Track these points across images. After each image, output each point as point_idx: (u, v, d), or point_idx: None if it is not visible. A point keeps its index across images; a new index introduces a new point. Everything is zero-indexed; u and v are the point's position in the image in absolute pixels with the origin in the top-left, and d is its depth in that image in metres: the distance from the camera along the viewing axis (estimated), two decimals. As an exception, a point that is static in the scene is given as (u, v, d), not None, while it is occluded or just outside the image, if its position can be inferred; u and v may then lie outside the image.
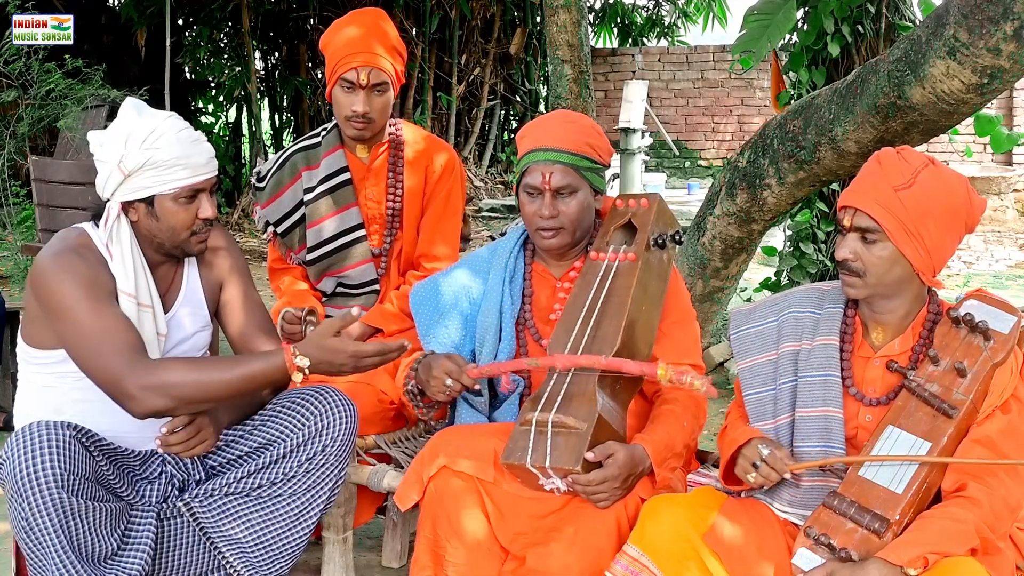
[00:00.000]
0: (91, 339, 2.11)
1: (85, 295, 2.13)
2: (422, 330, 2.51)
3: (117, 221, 2.24)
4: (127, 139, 2.19)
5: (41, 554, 2.02)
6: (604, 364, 2.13)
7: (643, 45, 14.09)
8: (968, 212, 2.02)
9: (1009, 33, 2.76)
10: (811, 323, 2.14)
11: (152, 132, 2.19)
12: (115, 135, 2.22)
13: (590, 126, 2.43)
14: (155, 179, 2.20)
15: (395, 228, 2.99)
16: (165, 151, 2.18)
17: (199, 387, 2.10)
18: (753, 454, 2.05)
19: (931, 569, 1.80)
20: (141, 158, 2.18)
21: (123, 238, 2.24)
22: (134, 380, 2.07)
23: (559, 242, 2.39)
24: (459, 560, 2.18)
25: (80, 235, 2.25)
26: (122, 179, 2.20)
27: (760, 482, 2.04)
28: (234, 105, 12.23)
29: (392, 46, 2.89)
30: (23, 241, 7.21)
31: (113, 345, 2.10)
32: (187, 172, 2.22)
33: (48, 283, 2.15)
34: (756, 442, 2.06)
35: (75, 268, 2.15)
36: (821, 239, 4.66)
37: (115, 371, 2.09)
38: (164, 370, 2.10)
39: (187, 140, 2.23)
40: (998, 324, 1.99)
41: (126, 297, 2.21)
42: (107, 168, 2.22)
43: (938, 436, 1.93)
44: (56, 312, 2.14)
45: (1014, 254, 8.44)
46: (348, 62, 2.82)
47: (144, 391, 2.07)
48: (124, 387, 2.08)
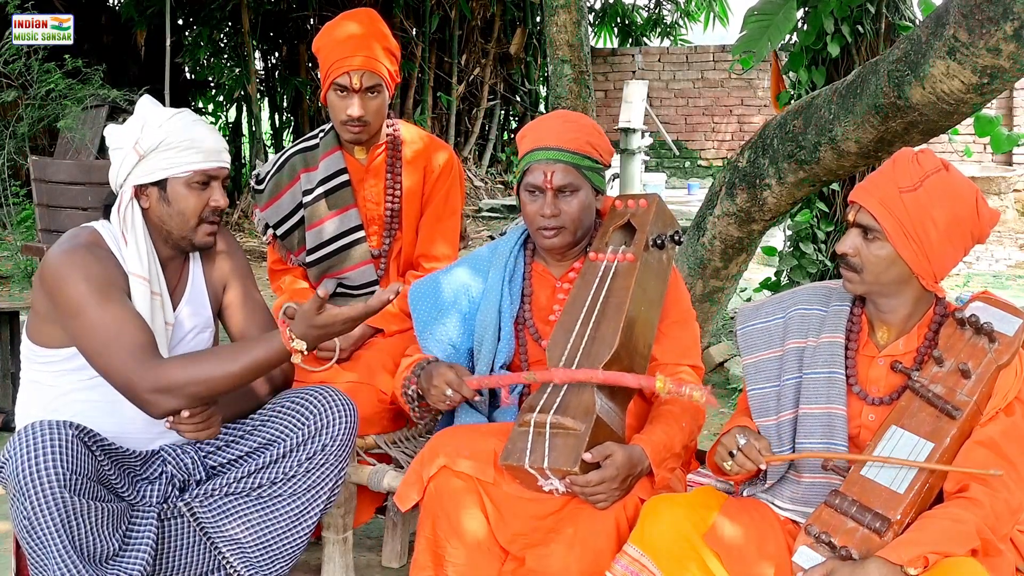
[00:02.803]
0: (102, 339, 2.12)
1: (97, 293, 2.14)
2: (419, 327, 2.51)
3: (130, 206, 2.27)
4: (144, 123, 2.25)
5: (42, 554, 2.01)
6: (602, 379, 2.13)
7: (643, 45, 14.09)
8: (975, 222, 2.00)
9: (1009, 33, 2.76)
10: (817, 320, 2.14)
11: (169, 117, 2.25)
12: (133, 122, 2.28)
13: (591, 125, 2.43)
14: (169, 161, 2.24)
15: (394, 229, 2.99)
16: (180, 133, 2.24)
17: (207, 382, 2.12)
18: (731, 442, 2.06)
19: (931, 569, 1.80)
20: (157, 137, 2.22)
21: (136, 223, 2.27)
22: (144, 385, 2.09)
23: (561, 241, 2.39)
24: (459, 560, 2.18)
25: (91, 233, 2.26)
26: (137, 160, 2.24)
27: (736, 471, 2.05)
28: (234, 105, 12.25)
29: (385, 47, 2.86)
30: (23, 241, 7.21)
31: (123, 346, 2.11)
32: (200, 156, 2.25)
33: (60, 280, 2.15)
34: (735, 431, 2.07)
35: (87, 265, 2.16)
36: (821, 239, 4.66)
37: (126, 375, 2.11)
38: (171, 370, 2.11)
39: (200, 127, 2.28)
40: (1003, 326, 1.98)
41: (140, 281, 2.23)
42: (122, 153, 2.26)
43: (941, 437, 1.93)
44: (68, 310, 2.15)
45: (1014, 254, 8.44)
46: (340, 66, 2.80)
47: (155, 395, 2.09)
48: (136, 392, 2.11)
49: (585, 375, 2.14)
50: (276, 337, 2.14)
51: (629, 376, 2.14)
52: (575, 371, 2.15)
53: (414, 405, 2.38)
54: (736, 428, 2.08)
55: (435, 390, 2.29)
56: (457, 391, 2.26)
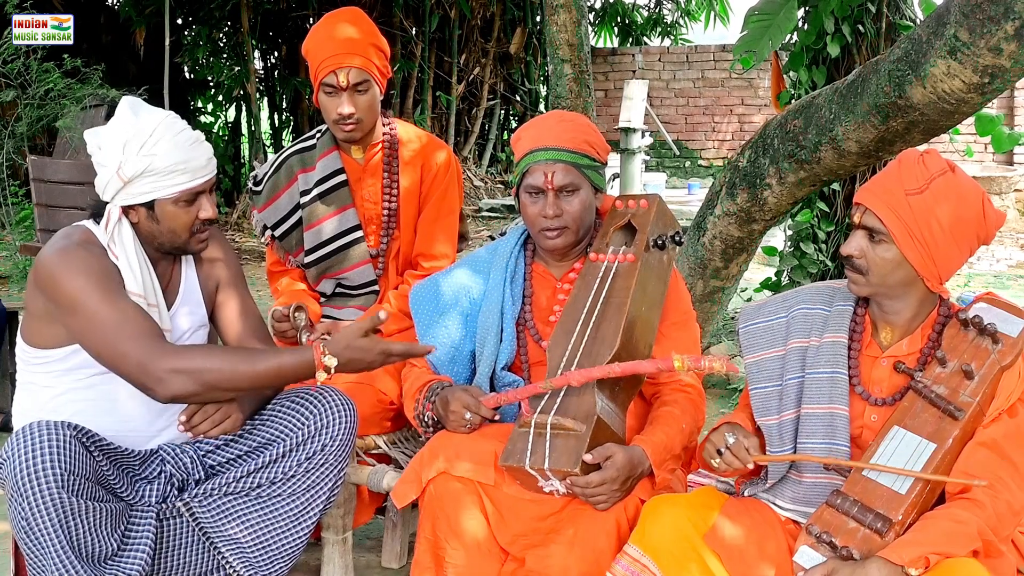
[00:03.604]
0: (110, 327, 2.11)
1: (97, 286, 2.13)
2: (421, 330, 2.50)
3: (119, 224, 2.24)
4: (125, 145, 2.18)
5: (41, 554, 2.01)
6: (620, 371, 2.12)
7: (644, 44, 14.08)
8: (980, 224, 1.99)
9: (1010, 32, 2.76)
10: (820, 320, 2.13)
11: (150, 137, 2.17)
12: (112, 138, 2.20)
13: (587, 124, 2.43)
14: (154, 184, 2.20)
15: (392, 228, 2.98)
16: (163, 157, 2.17)
17: (227, 375, 2.12)
18: (719, 440, 2.05)
19: (932, 569, 1.80)
20: (140, 165, 2.17)
21: (126, 240, 2.24)
22: (162, 363, 2.09)
23: (564, 242, 2.38)
24: (459, 561, 2.18)
25: (83, 232, 2.25)
26: (121, 185, 2.20)
27: (724, 468, 2.04)
28: (233, 105, 12.23)
29: (370, 42, 2.84)
30: (22, 241, 7.20)
31: (134, 331, 2.11)
32: (186, 176, 2.21)
33: (57, 279, 2.14)
34: (724, 428, 2.07)
35: (84, 261, 2.16)
36: (822, 239, 4.66)
37: (140, 355, 2.10)
38: (193, 355, 2.12)
39: (185, 144, 2.21)
40: (1007, 327, 1.98)
41: (135, 298, 2.21)
42: (106, 173, 2.21)
43: (944, 438, 1.93)
44: (68, 307, 2.14)
45: (1015, 254, 8.44)
46: (327, 66, 2.79)
47: (172, 374, 2.09)
48: (151, 370, 2.09)
49: (601, 371, 2.13)
50: (308, 350, 2.14)
51: (646, 363, 2.14)
52: (591, 370, 2.14)
53: (429, 430, 2.36)
54: (725, 426, 2.08)
55: (453, 416, 2.25)
56: (476, 412, 2.25)
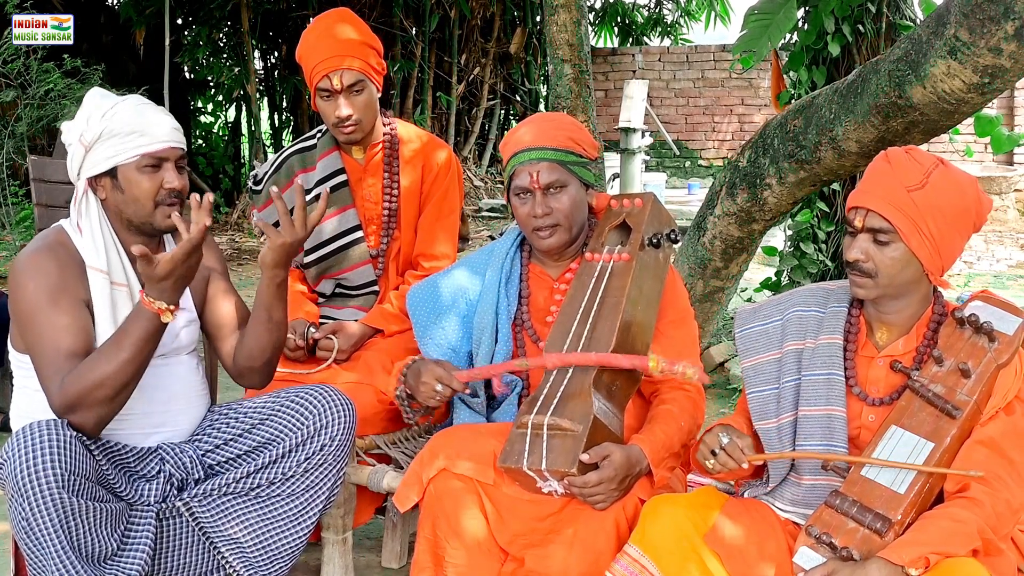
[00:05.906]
0: (39, 350, 2.13)
1: (46, 299, 2.13)
2: (419, 331, 2.50)
3: (85, 198, 2.25)
4: (88, 116, 2.23)
5: (41, 554, 2.01)
6: (595, 360, 2.13)
7: (644, 44, 14.08)
8: (977, 211, 2.02)
9: (1010, 32, 2.75)
10: (815, 322, 2.13)
11: (112, 107, 2.23)
12: (79, 115, 2.26)
13: (569, 122, 2.45)
14: (114, 148, 2.21)
15: (392, 228, 2.98)
16: (121, 120, 2.21)
17: (106, 381, 2.07)
18: (713, 441, 2.05)
19: (932, 569, 1.80)
20: (98, 128, 2.20)
21: (91, 214, 2.25)
22: (56, 406, 2.09)
23: (557, 240, 2.38)
24: (459, 561, 2.18)
25: (58, 233, 2.26)
26: (84, 153, 2.22)
27: (718, 469, 2.04)
28: (233, 105, 12.23)
29: (360, 41, 2.82)
30: (22, 241, 7.20)
31: (51, 360, 2.10)
32: (146, 139, 2.22)
33: (17, 287, 2.17)
34: (718, 430, 2.07)
35: (43, 269, 2.16)
36: (822, 239, 4.65)
37: (48, 394, 2.11)
38: (69, 386, 2.08)
39: (147, 111, 2.25)
40: (1003, 325, 1.98)
41: (97, 274, 2.21)
42: (72, 149, 2.25)
43: (941, 437, 1.93)
44: (22, 316, 2.16)
45: (1015, 254, 8.44)
46: (320, 70, 2.78)
47: (69, 414, 2.08)
48: (57, 412, 2.09)
49: (578, 358, 2.14)
50: (140, 308, 2.10)
51: (622, 357, 2.14)
52: (566, 355, 2.15)
53: (405, 405, 2.38)
54: (719, 427, 2.08)
55: (424, 387, 2.28)
56: (447, 385, 2.26)
